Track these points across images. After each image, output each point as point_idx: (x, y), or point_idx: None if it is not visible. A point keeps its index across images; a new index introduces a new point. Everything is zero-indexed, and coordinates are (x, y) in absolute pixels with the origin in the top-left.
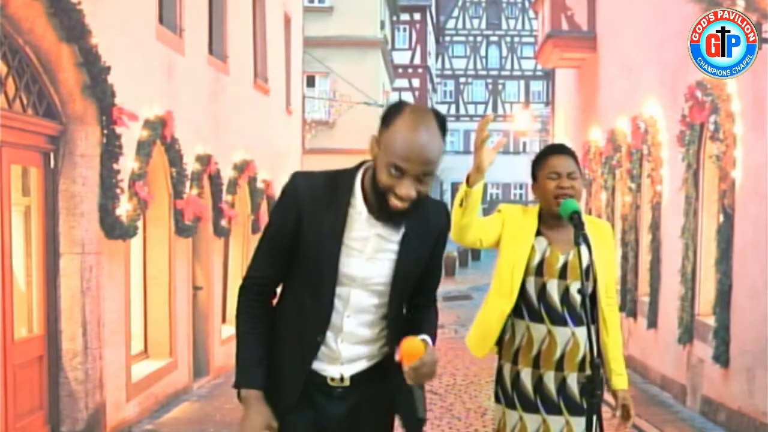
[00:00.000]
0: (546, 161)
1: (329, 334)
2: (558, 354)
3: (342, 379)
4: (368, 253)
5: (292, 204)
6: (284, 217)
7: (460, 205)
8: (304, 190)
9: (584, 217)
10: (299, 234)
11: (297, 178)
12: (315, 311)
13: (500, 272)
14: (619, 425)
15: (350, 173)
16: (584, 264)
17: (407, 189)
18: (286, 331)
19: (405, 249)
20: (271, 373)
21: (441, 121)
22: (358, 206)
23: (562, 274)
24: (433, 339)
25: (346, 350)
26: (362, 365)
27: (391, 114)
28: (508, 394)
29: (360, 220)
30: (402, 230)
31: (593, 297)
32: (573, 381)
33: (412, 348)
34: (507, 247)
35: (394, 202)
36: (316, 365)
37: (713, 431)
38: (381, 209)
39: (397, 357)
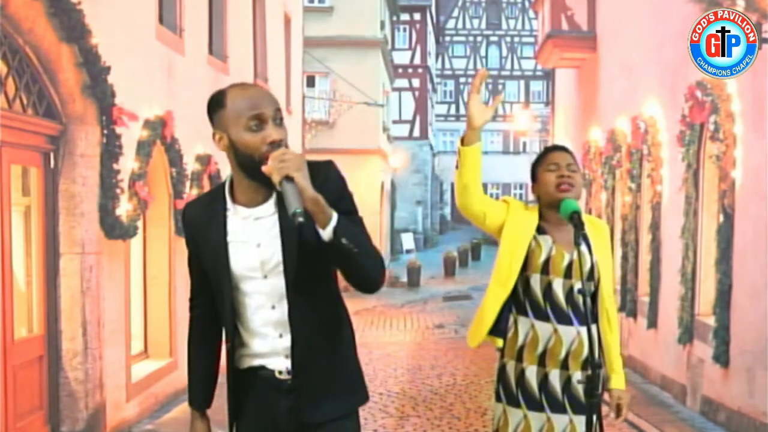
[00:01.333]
0: (545, 157)
1: (265, 330)
2: (564, 353)
3: (289, 372)
4: (257, 239)
5: (185, 233)
6: (187, 245)
7: (457, 167)
8: (189, 217)
9: (583, 217)
10: (198, 254)
11: (185, 208)
12: (225, 315)
13: (500, 262)
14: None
15: (222, 184)
16: (587, 264)
17: (275, 132)
18: (226, 341)
19: (283, 215)
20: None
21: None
22: (231, 207)
23: (567, 273)
24: (343, 224)
25: (286, 342)
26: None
27: (216, 99)
28: (512, 392)
29: (237, 215)
30: (274, 202)
31: (595, 296)
32: (582, 378)
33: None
34: (508, 238)
35: (273, 157)
36: (264, 361)
37: (713, 431)
38: (262, 179)
39: (267, 172)
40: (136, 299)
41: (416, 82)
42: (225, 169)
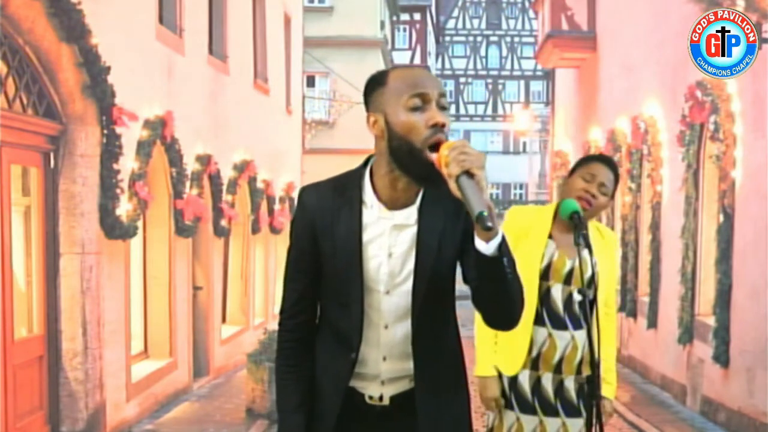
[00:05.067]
0: (589, 164)
1: (369, 351)
2: (557, 357)
3: (381, 398)
4: (388, 250)
5: (303, 220)
6: (299, 236)
7: None
8: (312, 202)
9: (592, 224)
10: (318, 249)
11: (303, 192)
12: (347, 326)
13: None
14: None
15: (357, 171)
16: (588, 272)
17: (439, 115)
18: (323, 354)
19: (423, 230)
20: (313, 396)
21: None
22: (369, 201)
23: (567, 279)
24: (506, 242)
25: (389, 367)
26: (405, 385)
27: (376, 78)
28: (506, 394)
29: (373, 216)
30: (417, 211)
31: (594, 303)
32: (570, 384)
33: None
34: (517, 257)
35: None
36: (356, 383)
37: (713, 431)
38: (418, 169)
39: (435, 161)
40: (136, 299)
41: None
42: (225, 169)
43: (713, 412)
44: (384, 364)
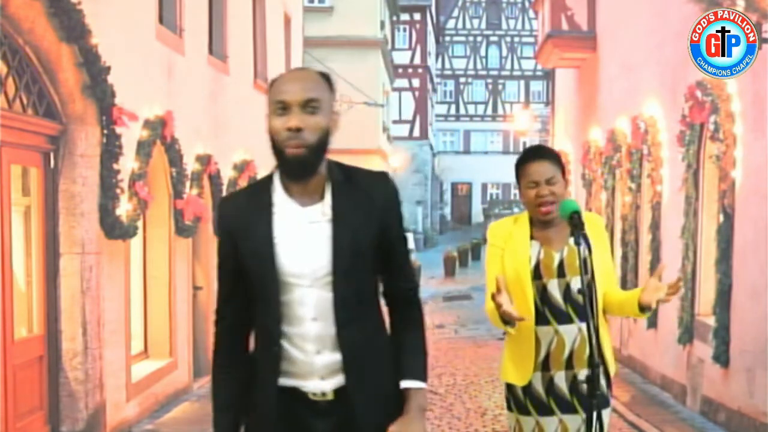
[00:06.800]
0: (524, 169)
1: (301, 345)
2: (567, 352)
3: (324, 393)
4: (306, 244)
5: (222, 229)
6: (222, 244)
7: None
8: (228, 210)
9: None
10: (238, 252)
11: (220, 203)
12: (268, 321)
13: (511, 294)
14: None
15: (268, 175)
16: (580, 258)
17: (293, 120)
18: (259, 353)
19: (338, 223)
20: (252, 394)
21: (322, 73)
22: (280, 200)
23: (560, 272)
24: (422, 357)
25: (324, 360)
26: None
27: (270, 82)
28: (520, 401)
29: (287, 213)
30: (329, 206)
31: (593, 290)
32: (584, 377)
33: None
34: (508, 264)
35: (289, 144)
36: (295, 382)
37: (713, 431)
38: (284, 166)
39: None
40: (136, 299)
41: (416, 82)
42: (225, 169)
43: (713, 412)
44: (319, 358)
